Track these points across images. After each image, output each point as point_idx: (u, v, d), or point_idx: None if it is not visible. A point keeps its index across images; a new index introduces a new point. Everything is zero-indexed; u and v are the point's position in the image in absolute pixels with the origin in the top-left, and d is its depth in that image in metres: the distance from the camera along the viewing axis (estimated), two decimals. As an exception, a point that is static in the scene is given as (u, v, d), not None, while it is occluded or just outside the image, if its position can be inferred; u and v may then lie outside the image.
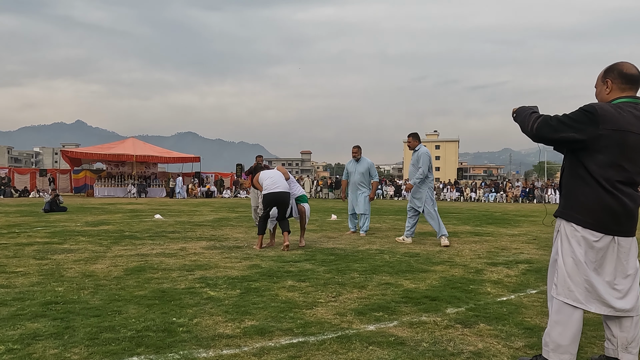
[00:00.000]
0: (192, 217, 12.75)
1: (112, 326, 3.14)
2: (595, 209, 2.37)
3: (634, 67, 2.44)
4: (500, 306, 3.76)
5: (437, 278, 4.79)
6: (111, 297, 3.91)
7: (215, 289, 4.21)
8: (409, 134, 7.90)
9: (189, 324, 3.21)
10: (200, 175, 32.47)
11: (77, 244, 7.15)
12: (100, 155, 29.35)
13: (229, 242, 7.45)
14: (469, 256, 6.29)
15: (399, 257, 6.10)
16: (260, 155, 10.42)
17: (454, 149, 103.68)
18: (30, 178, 31.55)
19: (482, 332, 3.12)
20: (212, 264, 5.51)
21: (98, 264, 5.45)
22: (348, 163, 9.20)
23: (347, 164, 9.21)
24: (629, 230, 2.42)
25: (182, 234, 8.67)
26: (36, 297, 3.90)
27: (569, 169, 2.50)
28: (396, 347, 2.83)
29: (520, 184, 32.48)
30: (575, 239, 2.40)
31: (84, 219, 11.67)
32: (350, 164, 9.10)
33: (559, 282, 2.45)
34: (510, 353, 2.75)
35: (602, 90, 2.50)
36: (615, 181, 2.34)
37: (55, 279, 4.61)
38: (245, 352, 2.72)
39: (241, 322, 3.26)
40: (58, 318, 3.31)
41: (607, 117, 2.30)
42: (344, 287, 4.35)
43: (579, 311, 2.40)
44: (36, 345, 2.79)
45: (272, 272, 4.98)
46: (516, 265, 5.60)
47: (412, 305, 3.76)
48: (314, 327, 3.18)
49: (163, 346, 2.80)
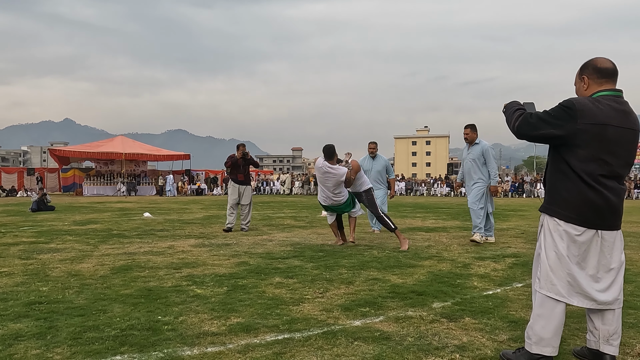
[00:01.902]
0: (181, 215, 12.69)
1: (96, 325, 3.12)
2: (577, 203, 2.38)
3: (608, 60, 2.46)
4: (486, 300, 3.78)
5: (424, 273, 4.81)
6: (96, 296, 3.88)
7: (202, 287, 4.19)
8: (467, 125, 7.18)
9: (174, 322, 3.19)
10: (190, 173, 32.32)
11: (64, 243, 7.08)
12: (89, 153, 29.11)
13: (218, 240, 7.42)
14: (457, 251, 6.32)
15: (388, 253, 6.11)
16: (243, 144, 9.14)
17: (445, 144, 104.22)
18: (18, 177, 31.23)
19: (467, 325, 3.14)
20: (200, 261, 5.48)
21: (84, 263, 5.41)
22: (362, 159, 8.40)
23: (360, 160, 8.24)
24: (613, 224, 2.43)
25: (170, 232, 8.63)
26: (20, 297, 3.85)
27: (551, 164, 2.52)
28: (381, 342, 2.83)
29: (509, 179, 32.71)
30: (558, 233, 2.42)
31: (72, 218, 11.57)
32: (366, 160, 8.43)
33: (541, 276, 2.46)
34: (494, 346, 2.77)
35: (580, 87, 2.53)
36: (598, 175, 2.35)
37: (40, 278, 4.56)
38: (230, 350, 2.70)
39: (227, 320, 3.25)
40: (41, 318, 3.27)
41: (585, 112, 2.32)
42: (332, 283, 4.36)
43: (561, 305, 2.42)
44: (18, 346, 2.75)
45: (260, 269, 4.97)
46: (503, 259, 5.64)
47: (399, 300, 3.76)
48: (299, 323, 3.18)
49: (147, 345, 2.78)
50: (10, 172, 32.67)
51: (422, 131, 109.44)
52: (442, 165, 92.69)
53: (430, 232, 8.61)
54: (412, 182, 33.96)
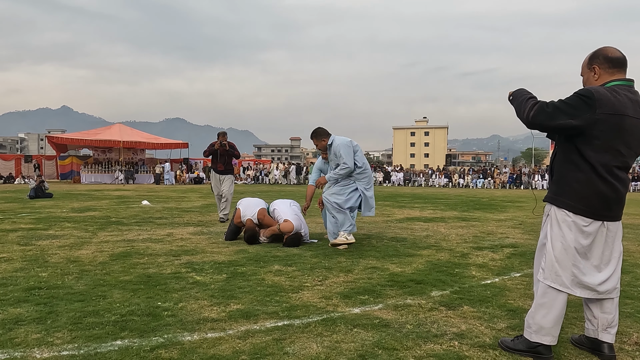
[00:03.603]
0: (180, 204, 12.68)
1: (96, 311, 3.12)
2: (587, 195, 2.36)
3: (617, 50, 2.42)
4: (484, 289, 3.80)
5: (423, 262, 4.83)
6: (96, 282, 3.89)
7: (202, 274, 4.20)
8: (311, 136, 6.11)
9: (174, 308, 3.20)
10: (188, 162, 32.25)
11: (63, 230, 7.07)
12: (87, 141, 28.95)
13: (217, 228, 7.43)
14: (456, 241, 6.34)
15: (386, 242, 6.13)
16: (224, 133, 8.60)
17: (443, 135, 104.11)
18: (15, 164, 31.10)
19: (465, 314, 3.15)
20: (199, 249, 5.49)
21: (83, 249, 5.41)
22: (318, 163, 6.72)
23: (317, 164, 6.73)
24: (617, 215, 2.44)
25: (169, 220, 8.62)
26: (19, 282, 3.86)
27: (561, 154, 2.47)
28: (380, 329, 2.85)
29: (507, 170, 32.73)
30: (566, 224, 2.40)
31: (70, 205, 11.55)
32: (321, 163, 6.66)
33: (546, 267, 2.45)
34: (493, 334, 2.79)
35: (590, 77, 2.46)
36: (613, 166, 2.32)
37: (39, 264, 4.56)
38: (229, 335, 2.72)
39: (226, 306, 3.26)
40: (41, 303, 3.28)
41: (604, 101, 2.26)
42: (331, 271, 4.37)
43: (563, 295, 2.43)
44: (18, 330, 2.76)
45: (259, 257, 4.97)
46: (501, 250, 5.66)
47: (398, 288, 3.78)
48: (299, 310, 3.19)
49: (147, 330, 2.79)
50: (7, 159, 32.54)
51: (421, 122, 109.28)
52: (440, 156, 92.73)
53: (429, 222, 8.63)
54: (410, 173, 33.97)
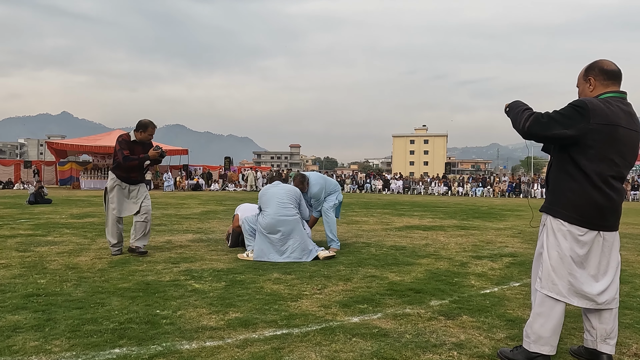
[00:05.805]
0: (179, 210, 12.67)
1: (94, 318, 3.12)
2: (581, 204, 2.39)
3: (612, 63, 2.48)
4: (483, 298, 3.79)
5: (422, 271, 4.82)
6: (94, 289, 3.88)
7: (200, 282, 4.20)
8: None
9: (172, 316, 3.19)
10: (188, 168, 32.26)
11: (61, 236, 7.07)
12: (87, 147, 28.96)
13: (216, 235, 7.42)
14: (455, 249, 6.33)
15: (385, 250, 6.12)
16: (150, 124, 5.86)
17: (442, 143, 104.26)
18: (15, 170, 31.07)
19: (464, 323, 3.15)
20: (198, 256, 5.48)
21: (82, 256, 5.40)
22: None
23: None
24: (614, 224, 2.46)
25: (168, 226, 8.62)
26: (17, 289, 3.85)
27: (556, 164, 2.51)
28: (379, 338, 2.84)
29: (507, 179, 32.75)
30: (562, 233, 2.42)
31: (69, 211, 11.54)
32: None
33: (543, 276, 2.47)
34: (492, 344, 2.78)
35: (586, 89, 2.52)
36: (608, 176, 2.36)
37: (37, 271, 4.55)
38: (228, 344, 2.71)
39: (225, 314, 3.25)
40: (39, 310, 3.27)
41: (597, 112, 2.32)
42: (330, 279, 4.36)
43: (561, 304, 2.43)
44: (16, 338, 2.75)
45: (258, 265, 4.97)
46: (500, 259, 5.65)
47: (397, 297, 3.77)
48: (298, 319, 3.19)
49: (145, 338, 2.78)
50: (6, 164, 32.51)
51: (421, 130, 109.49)
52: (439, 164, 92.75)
53: (428, 230, 8.63)
54: (410, 181, 33.98)
